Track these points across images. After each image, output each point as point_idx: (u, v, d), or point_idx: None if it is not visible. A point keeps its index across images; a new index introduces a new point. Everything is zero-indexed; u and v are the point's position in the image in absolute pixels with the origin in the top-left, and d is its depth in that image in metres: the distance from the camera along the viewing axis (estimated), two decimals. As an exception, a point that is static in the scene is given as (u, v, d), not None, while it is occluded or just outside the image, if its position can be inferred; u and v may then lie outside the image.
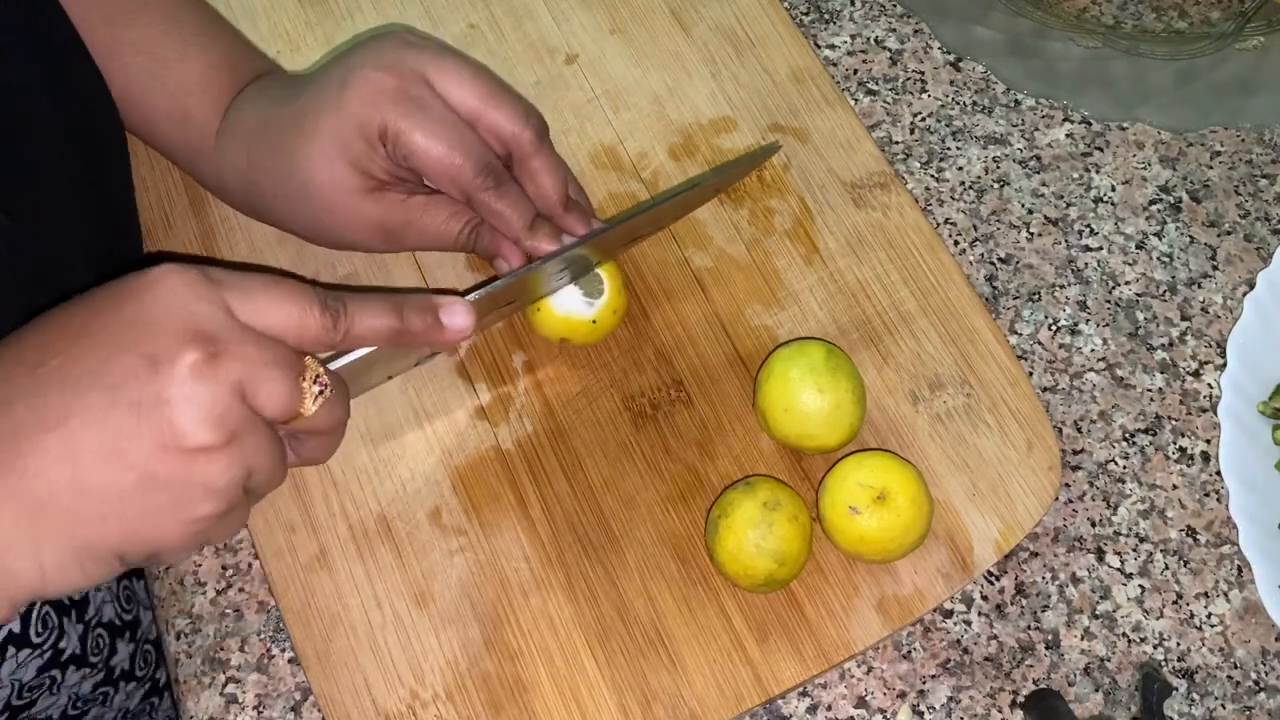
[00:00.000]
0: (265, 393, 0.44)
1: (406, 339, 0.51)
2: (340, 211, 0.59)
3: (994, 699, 0.60)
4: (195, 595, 0.62)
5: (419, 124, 0.56)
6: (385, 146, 0.57)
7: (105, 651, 0.61)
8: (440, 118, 0.57)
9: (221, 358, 0.42)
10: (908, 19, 0.77)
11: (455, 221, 0.60)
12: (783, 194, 0.70)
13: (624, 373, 0.65)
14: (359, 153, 0.57)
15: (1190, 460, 0.65)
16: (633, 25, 0.75)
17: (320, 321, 0.46)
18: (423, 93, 0.57)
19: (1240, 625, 0.62)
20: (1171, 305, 0.69)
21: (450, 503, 0.62)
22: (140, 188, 0.70)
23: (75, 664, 0.59)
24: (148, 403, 0.41)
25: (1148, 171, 0.73)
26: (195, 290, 0.43)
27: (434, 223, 0.60)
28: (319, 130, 0.57)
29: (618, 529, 0.62)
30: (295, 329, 0.46)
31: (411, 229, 0.60)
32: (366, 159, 0.57)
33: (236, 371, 0.43)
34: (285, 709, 0.60)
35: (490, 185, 0.57)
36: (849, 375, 0.61)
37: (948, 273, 0.68)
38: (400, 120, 0.56)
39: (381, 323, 0.49)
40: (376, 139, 0.57)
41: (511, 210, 0.58)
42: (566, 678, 0.59)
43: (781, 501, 0.58)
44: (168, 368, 0.42)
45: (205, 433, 0.42)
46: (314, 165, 0.58)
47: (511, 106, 0.58)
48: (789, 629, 0.60)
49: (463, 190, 0.58)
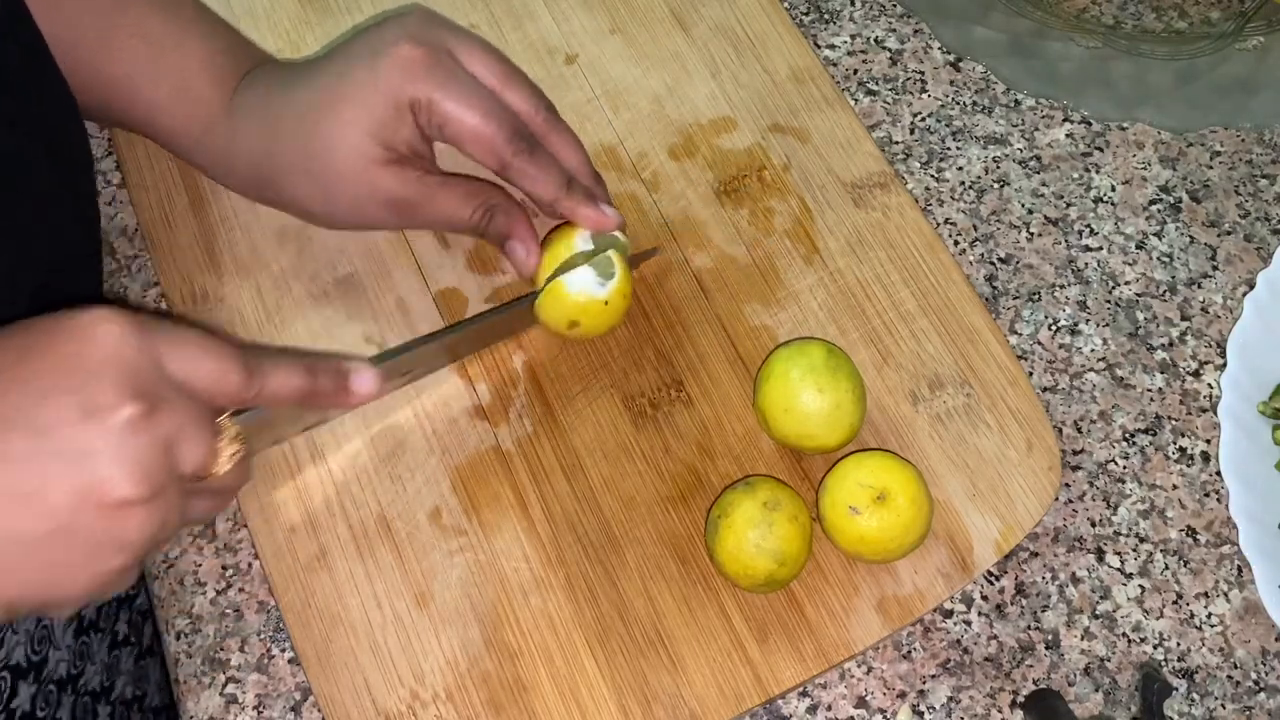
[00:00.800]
0: (188, 450, 0.44)
1: (315, 400, 0.52)
2: (358, 183, 0.59)
3: (994, 699, 0.60)
4: (195, 595, 0.62)
5: (452, 93, 0.57)
6: (416, 116, 0.58)
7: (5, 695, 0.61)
8: (472, 88, 0.58)
9: (156, 413, 0.42)
10: (908, 19, 0.77)
11: (469, 203, 0.61)
12: (783, 194, 0.70)
13: (624, 373, 0.65)
14: (386, 121, 0.58)
15: (1190, 460, 0.65)
16: (633, 25, 0.75)
17: (239, 379, 0.47)
18: (452, 64, 0.58)
19: (1240, 625, 0.62)
20: (1171, 305, 0.69)
21: (450, 503, 0.62)
22: (140, 188, 0.70)
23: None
24: (76, 452, 0.41)
25: (1148, 171, 0.73)
26: (133, 341, 0.43)
27: (449, 202, 0.61)
28: (347, 99, 0.58)
29: (617, 529, 0.62)
30: (216, 385, 0.46)
31: (425, 207, 0.61)
32: (392, 129, 0.58)
33: (167, 427, 0.43)
34: (285, 709, 0.60)
35: (524, 149, 0.59)
36: (849, 375, 0.61)
37: (948, 273, 0.68)
38: (435, 90, 0.57)
39: (294, 382, 0.50)
40: (407, 108, 0.58)
41: (546, 172, 0.60)
42: (566, 678, 0.59)
43: (781, 501, 0.58)
44: (102, 418, 0.41)
45: (131, 487, 0.41)
46: (337, 135, 0.58)
47: (527, 87, 0.60)
48: (789, 629, 0.60)
49: (497, 155, 0.59)
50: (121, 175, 0.72)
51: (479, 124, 0.57)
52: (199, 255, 0.68)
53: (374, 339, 0.66)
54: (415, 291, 0.67)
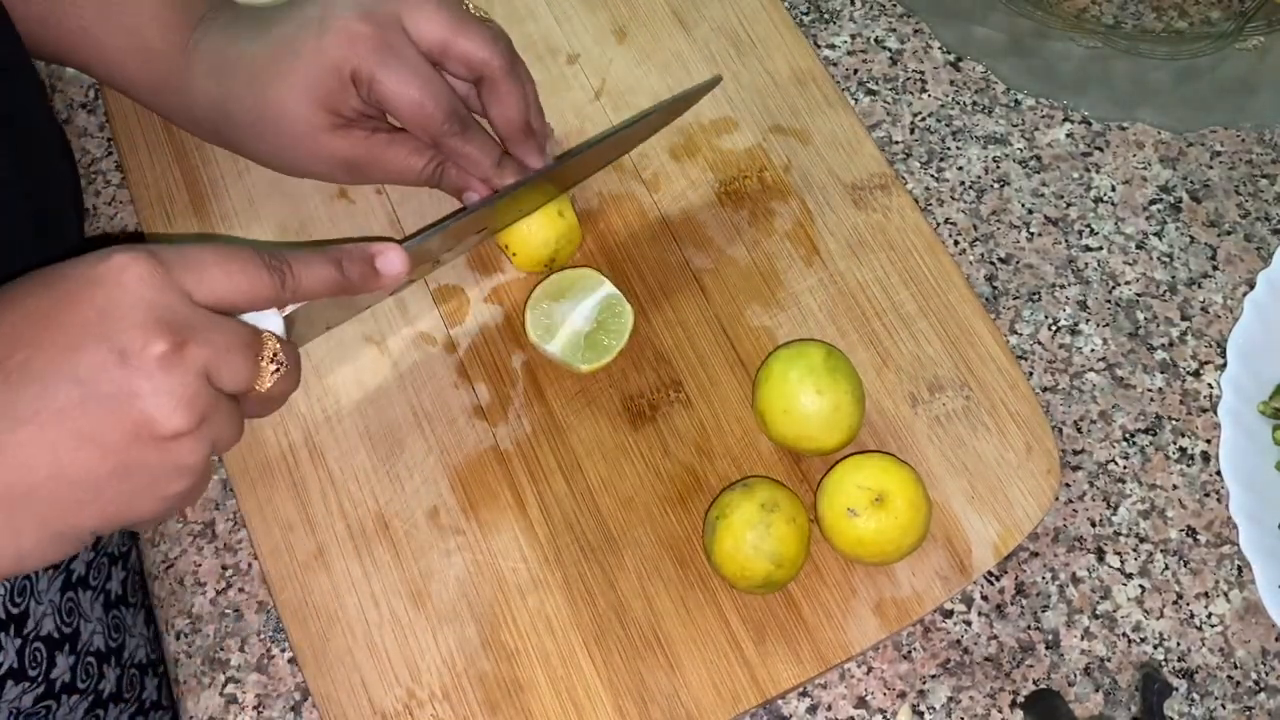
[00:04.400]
0: (228, 374, 0.46)
1: (347, 288, 0.53)
2: (308, 145, 0.62)
3: (994, 699, 0.60)
4: (195, 595, 0.62)
5: (392, 71, 0.59)
6: (358, 88, 0.60)
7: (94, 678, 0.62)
8: (413, 65, 0.59)
9: (187, 346, 0.44)
10: (908, 19, 0.77)
11: (418, 157, 0.64)
12: (783, 195, 0.70)
13: (623, 373, 0.65)
14: (331, 91, 0.60)
15: (1190, 460, 0.65)
16: (634, 26, 0.75)
17: (269, 285, 0.48)
18: (397, 39, 0.59)
19: (1240, 625, 0.61)
20: (1171, 305, 0.69)
21: (448, 502, 0.62)
22: (140, 187, 0.70)
23: (68, 692, 0.60)
24: (120, 395, 0.43)
25: (1148, 171, 0.72)
26: (157, 280, 0.45)
27: (398, 158, 0.63)
28: (294, 69, 0.60)
29: (615, 529, 0.62)
30: (247, 296, 0.48)
31: (376, 164, 0.63)
32: (338, 98, 0.60)
33: (201, 357, 0.45)
34: (285, 709, 0.60)
35: (457, 131, 0.61)
36: (848, 377, 0.61)
37: (948, 275, 0.67)
38: (376, 67, 0.59)
39: (324, 275, 0.52)
40: (349, 80, 0.60)
41: (479, 152, 0.62)
42: (563, 678, 0.59)
43: (780, 503, 0.58)
44: (136, 360, 0.43)
45: (177, 419, 0.44)
46: (286, 102, 0.61)
47: (479, 33, 0.61)
48: (786, 630, 0.60)
49: (431, 134, 0.61)
50: (122, 175, 0.72)
51: (413, 102, 0.59)
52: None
53: (373, 338, 0.66)
54: (415, 290, 0.67)
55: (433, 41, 0.60)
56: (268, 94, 0.61)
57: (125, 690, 0.66)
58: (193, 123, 0.66)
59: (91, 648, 0.63)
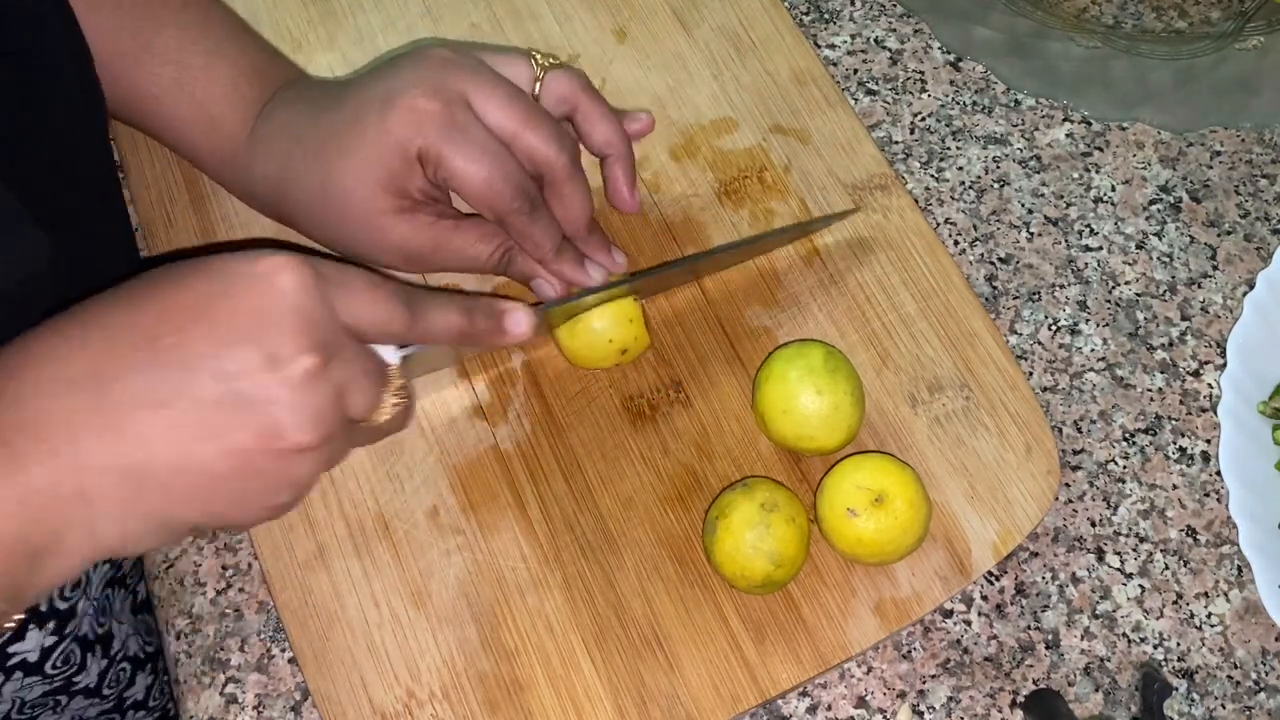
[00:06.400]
0: (358, 399, 0.47)
1: (470, 340, 0.53)
2: (372, 230, 0.59)
3: (994, 699, 0.60)
4: (195, 595, 0.63)
5: (460, 149, 0.56)
6: (424, 168, 0.58)
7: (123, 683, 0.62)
8: (481, 143, 0.57)
9: (331, 364, 0.45)
10: (908, 19, 0.77)
11: (486, 244, 0.61)
12: (783, 195, 0.70)
13: (623, 373, 0.65)
14: (396, 172, 0.57)
15: (1190, 460, 0.65)
16: (635, 26, 0.75)
17: (404, 321, 0.49)
18: (464, 117, 0.57)
19: (1240, 625, 0.61)
20: (1171, 305, 0.69)
21: (448, 502, 0.62)
22: (140, 185, 0.70)
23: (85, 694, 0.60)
24: (258, 399, 0.43)
25: (1148, 171, 0.72)
26: (312, 291, 0.45)
27: (465, 244, 0.60)
28: (358, 149, 0.57)
29: (615, 529, 0.62)
30: (383, 325, 0.48)
31: (441, 251, 0.60)
32: (403, 178, 0.58)
33: (340, 378, 0.45)
34: (285, 709, 0.60)
35: (526, 210, 0.58)
36: (848, 377, 0.61)
37: (948, 275, 0.67)
38: (443, 145, 0.56)
39: (453, 322, 0.52)
40: (415, 160, 0.57)
41: (543, 235, 0.60)
42: (563, 678, 0.59)
43: (779, 503, 0.58)
44: (282, 369, 0.43)
45: (306, 435, 0.44)
46: (350, 183, 0.58)
47: (548, 131, 0.58)
48: (786, 630, 0.60)
49: (498, 214, 0.58)
50: (122, 175, 0.72)
51: (482, 184, 0.57)
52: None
53: (373, 339, 0.66)
54: (414, 292, 0.67)
55: (500, 131, 0.58)
56: (330, 175, 0.58)
57: (152, 699, 0.66)
58: (254, 199, 0.64)
59: (129, 652, 0.63)
